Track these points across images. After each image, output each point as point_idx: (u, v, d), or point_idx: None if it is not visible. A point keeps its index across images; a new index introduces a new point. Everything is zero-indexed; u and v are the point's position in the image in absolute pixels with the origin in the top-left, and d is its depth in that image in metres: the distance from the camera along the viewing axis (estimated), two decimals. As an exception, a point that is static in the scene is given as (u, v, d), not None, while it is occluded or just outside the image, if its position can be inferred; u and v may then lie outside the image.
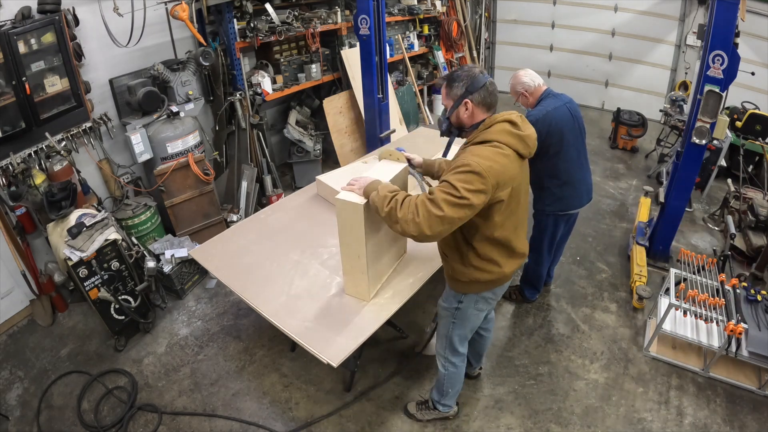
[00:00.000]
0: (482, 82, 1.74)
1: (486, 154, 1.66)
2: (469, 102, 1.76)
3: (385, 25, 4.39)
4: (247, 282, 2.37)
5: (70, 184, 3.03)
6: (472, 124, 1.80)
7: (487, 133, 1.73)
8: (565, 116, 2.61)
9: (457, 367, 2.28)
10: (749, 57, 4.79)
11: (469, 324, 2.14)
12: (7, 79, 2.78)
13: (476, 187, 1.60)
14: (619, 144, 5.73)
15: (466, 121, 1.81)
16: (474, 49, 7.27)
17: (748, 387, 2.71)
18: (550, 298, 3.42)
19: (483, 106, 1.77)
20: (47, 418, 2.65)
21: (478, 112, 1.78)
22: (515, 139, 1.72)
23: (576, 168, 2.77)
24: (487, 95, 1.76)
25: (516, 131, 1.73)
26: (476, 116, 1.79)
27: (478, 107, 1.77)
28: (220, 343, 3.09)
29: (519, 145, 1.73)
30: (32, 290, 3.22)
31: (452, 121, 1.85)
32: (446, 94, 1.83)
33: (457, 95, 1.78)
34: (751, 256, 3.64)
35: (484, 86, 1.74)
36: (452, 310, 2.09)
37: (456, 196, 1.59)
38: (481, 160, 1.62)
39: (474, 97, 1.75)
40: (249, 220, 2.97)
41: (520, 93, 2.73)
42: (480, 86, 1.74)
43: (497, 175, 1.63)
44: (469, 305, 2.04)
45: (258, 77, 4.29)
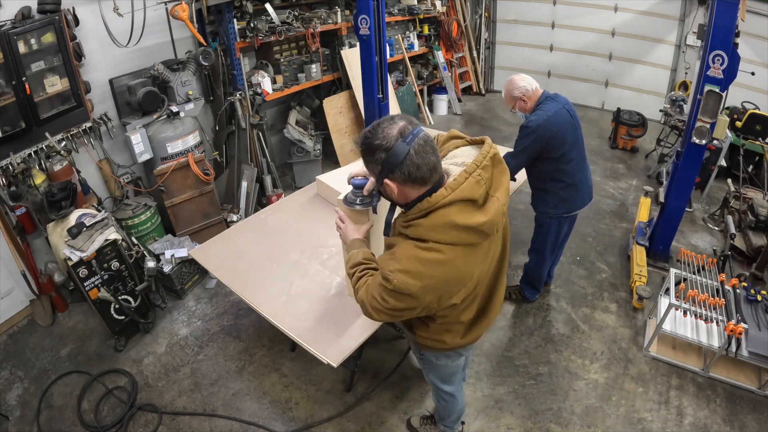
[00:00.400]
0: (401, 154, 1.24)
1: (414, 266, 1.28)
2: (390, 183, 1.31)
3: (385, 25, 4.40)
4: (247, 282, 2.37)
5: (70, 184, 3.03)
6: (408, 203, 1.36)
7: (419, 228, 1.30)
8: (565, 119, 2.59)
9: (447, 401, 2.15)
10: (749, 57, 4.79)
11: (442, 371, 1.96)
12: (7, 79, 2.78)
13: (406, 305, 1.35)
14: (619, 144, 5.73)
15: (399, 201, 1.39)
16: (474, 49, 7.28)
17: (748, 387, 2.71)
18: (550, 298, 3.42)
19: (412, 183, 1.30)
20: (47, 418, 2.65)
21: (409, 190, 1.32)
22: (464, 234, 1.28)
23: (578, 169, 2.77)
24: (413, 170, 1.26)
25: (467, 222, 1.27)
26: (408, 194, 1.34)
27: (405, 186, 1.31)
28: (220, 343, 3.09)
29: (471, 238, 1.31)
30: (32, 290, 3.22)
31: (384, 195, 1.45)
32: (365, 164, 1.38)
33: (375, 173, 1.35)
34: (751, 256, 3.64)
35: (407, 158, 1.25)
36: (417, 357, 1.98)
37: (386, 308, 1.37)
38: (409, 280, 1.28)
39: (396, 177, 1.29)
40: (249, 220, 2.98)
41: (517, 98, 2.66)
42: (399, 162, 1.25)
43: (435, 291, 1.33)
44: (431, 360, 1.88)
45: (258, 77, 4.29)
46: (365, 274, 1.51)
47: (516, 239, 3.90)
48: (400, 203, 1.40)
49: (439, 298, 1.37)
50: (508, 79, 2.71)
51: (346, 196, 1.75)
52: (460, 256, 1.31)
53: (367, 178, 1.61)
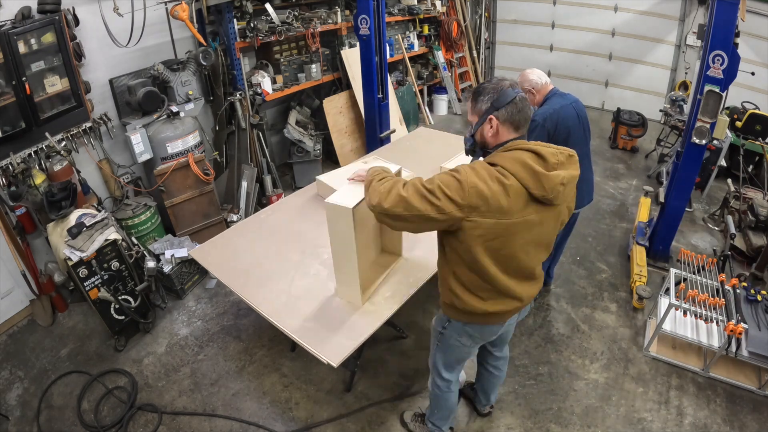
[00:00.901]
0: (510, 96, 1.52)
1: (482, 173, 1.47)
2: (494, 119, 1.55)
3: (385, 25, 4.40)
4: (247, 282, 2.37)
5: (70, 184, 3.03)
6: (496, 144, 1.58)
7: (499, 156, 1.53)
8: (571, 115, 2.62)
9: (442, 391, 2.15)
10: (749, 57, 4.79)
11: (452, 353, 2.01)
12: (7, 79, 2.78)
13: (451, 194, 1.45)
14: (619, 144, 5.73)
15: (490, 141, 1.60)
16: (474, 49, 7.28)
17: (748, 387, 2.71)
18: (550, 298, 3.42)
19: (509, 125, 1.55)
20: (47, 418, 2.65)
21: (504, 131, 1.56)
22: (527, 174, 1.47)
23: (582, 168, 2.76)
24: (515, 112, 1.53)
25: (534, 165, 1.47)
26: (501, 135, 1.57)
27: (503, 125, 1.55)
28: (220, 343, 3.09)
29: (530, 182, 1.48)
30: (32, 290, 3.22)
31: (476, 139, 1.64)
32: (471, 108, 1.63)
33: (481, 110, 1.58)
34: (751, 256, 3.64)
35: (513, 102, 1.52)
36: (437, 332, 1.99)
37: (428, 188, 1.47)
38: (471, 175, 1.46)
39: (500, 114, 1.54)
40: (249, 220, 2.97)
41: (527, 90, 2.71)
42: (507, 101, 1.52)
43: (479, 197, 1.44)
44: (452, 334, 1.91)
45: (258, 77, 4.29)
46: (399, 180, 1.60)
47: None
48: (490, 145, 1.60)
49: (473, 206, 1.45)
50: (521, 73, 2.78)
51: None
52: (513, 192, 1.47)
53: None
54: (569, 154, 1.56)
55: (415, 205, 1.47)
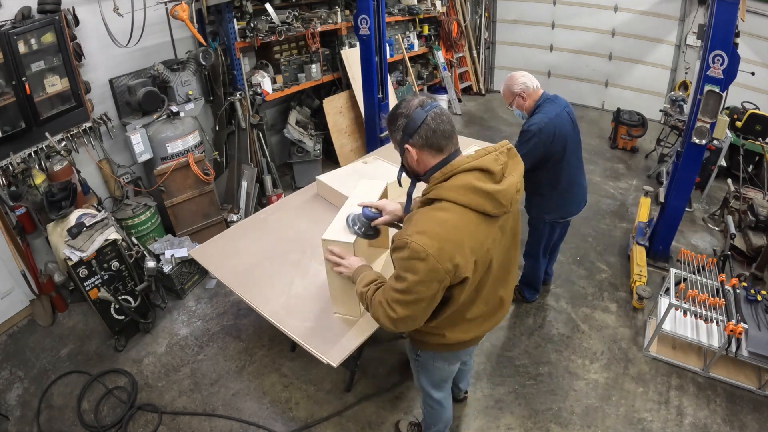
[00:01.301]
0: (420, 119, 1.36)
1: (431, 227, 1.32)
2: (410, 148, 1.41)
3: (385, 25, 4.40)
4: (247, 282, 2.37)
5: (70, 184, 3.03)
6: (426, 171, 1.44)
7: (440, 189, 1.37)
8: (566, 122, 2.55)
9: (435, 409, 2.10)
10: (749, 57, 4.79)
11: (434, 375, 1.94)
12: (7, 79, 2.78)
13: (423, 277, 1.32)
14: (619, 144, 5.73)
15: (418, 170, 1.47)
16: (474, 49, 7.28)
17: (748, 387, 2.71)
18: (550, 298, 3.43)
19: (429, 149, 1.40)
20: (47, 418, 2.65)
21: (426, 157, 1.41)
22: (480, 198, 1.33)
23: (575, 175, 2.74)
24: (429, 134, 1.37)
25: (483, 186, 1.33)
26: (425, 162, 1.43)
27: (422, 152, 1.40)
28: (220, 343, 3.09)
29: (486, 205, 1.34)
30: (32, 290, 3.22)
31: (406, 168, 1.52)
32: (390, 135, 1.50)
33: (396, 141, 1.45)
34: (751, 256, 3.64)
35: (424, 124, 1.36)
36: (413, 358, 1.92)
37: (403, 291, 1.36)
38: (423, 240, 1.30)
39: (414, 142, 1.39)
40: (249, 220, 2.97)
41: (517, 94, 2.59)
42: (417, 126, 1.37)
43: (451, 256, 1.31)
44: (427, 360, 1.84)
45: (258, 77, 4.29)
46: (380, 287, 1.53)
47: (516, 239, 3.90)
48: (419, 173, 1.47)
49: (456, 267, 1.33)
50: (509, 75, 2.65)
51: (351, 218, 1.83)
52: (474, 221, 1.36)
53: (380, 212, 1.77)
54: (507, 148, 1.44)
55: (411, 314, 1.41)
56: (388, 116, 1.48)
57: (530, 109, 2.60)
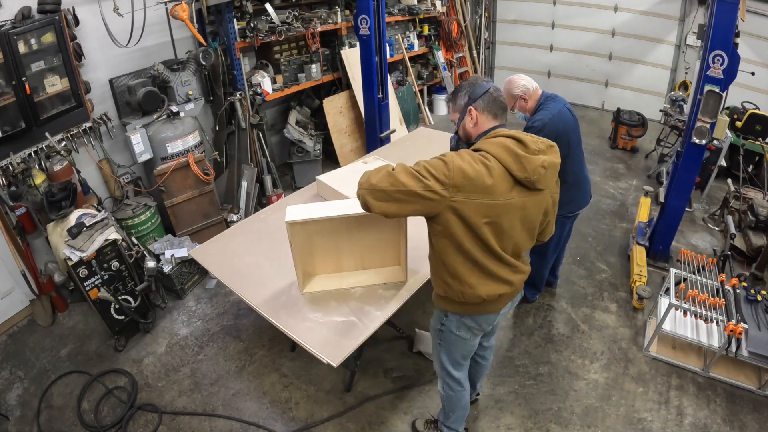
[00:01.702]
0: (484, 88, 1.68)
1: (466, 157, 1.54)
2: (473, 110, 1.69)
3: (385, 25, 4.40)
4: (247, 282, 2.37)
5: (70, 184, 3.03)
6: (479, 135, 1.71)
7: (483, 142, 1.61)
8: (568, 118, 2.60)
9: (455, 391, 2.15)
10: (749, 57, 4.79)
11: (456, 350, 2.01)
12: (7, 79, 2.78)
13: (437, 173, 1.50)
14: (619, 144, 5.73)
15: (472, 132, 1.73)
16: (474, 49, 7.27)
17: (748, 387, 2.71)
18: (550, 298, 3.42)
19: (488, 113, 1.69)
20: (47, 418, 2.65)
21: (483, 120, 1.70)
22: (509, 156, 1.54)
23: (580, 169, 2.78)
24: (491, 101, 1.68)
25: (516, 149, 1.54)
26: (481, 125, 1.71)
27: (482, 114, 1.69)
28: (220, 343, 3.09)
29: (512, 164, 1.54)
30: (32, 290, 3.22)
31: (460, 134, 1.79)
32: (452, 108, 1.78)
33: (461, 105, 1.73)
34: (751, 256, 3.64)
35: (487, 92, 1.68)
36: (437, 331, 1.99)
37: (415, 168, 1.54)
38: (456, 158, 1.53)
39: (477, 105, 1.68)
40: (249, 220, 2.97)
41: (518, 96, 2.65)
42: (482, 92, 1.68)
43: (463, 177, 1.50)
44: (451, 327, 1.91)
45: (258, 77, 4.29)
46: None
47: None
48: (472, 137, 1.72)
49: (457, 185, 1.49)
50: (508, 79, 2.71)
51: None
52: (497, 173, 1.52)
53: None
54: (549, 144, 1.63)
55: (402, 180, 1.52)
56: (455, 89, 1.76)
57: (532, 109, 2.65)
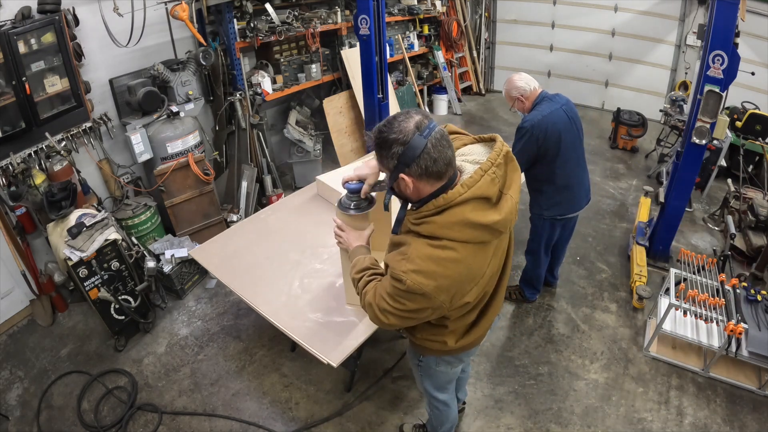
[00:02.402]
0: (419, 147, 1.21)
1: (427, 266, 1.25)
2: (405, 178, 1.27)
3: (385, 25, 4.39)
4: (247, 282, 2.37)
5: (70, 184, 3.03)
6: (420, 199, 1.33)
7: (433, 225, 1.27)
8: (561, 119, 2.57)
9: (441, 411, 2.10)
10: (749, 57, 4.78)
11: (438, 379, 1.92)
12: (7, 79, 2.78)
13: (419, 306, 1.32)
14: (619, 144, 5.73)
15: (411, 196, 1.34)
16: (474, 49, 7.28)
17: (748, 387, 2.71)
18: (550, 298, 3.42)
19: (428, 177, 1.26)
20: (47, 418, 2.65)
21: (424, 186, 1.29)
22: (479, 232, 1.27)
23: (574, 171, 2.75)
24: (430, 164, 1.23)
25: (482, 220, 1.25)
26: (422, 190, 1.30)
27: (420, 181, 1.27)
28: (220, 343, 3.09)
29: (485, 237, 1.29)
30: (32, 290, 3.22)
31: (396, 192, 1.38)
32: (378, 159, 1.33)
33: (389, 168, 1.29)
34: (751, 256, 3.64)
35: (424, 153, 1.22)
36: (415, 365, 1.90)
37: (398, 309, 1.35)
38: (420, 279, 1.25)
39: (411, 171, 1.25)
40: (249, 220, 2.97)
41: (515, 98, 2.68)
42: (416, 156, 1.22)
43: (448, 290, 1.30)
44: (430, 365, 1.81)
45: (258, 77, 4.29)
46: (373, 279, 1.49)
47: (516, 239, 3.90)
48: (413, 200, 1.36)
49: (452, 298, 1.33)
50: (507, 79, 2.74)
51: (341, 200, 1.72)
52: (472, 254, 1.29)
53: (361, 181, 1.63)
54: (504, 156, 1.33)
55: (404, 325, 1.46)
56: (377, 138, 1.29)
57: (528, 109, 2.67)
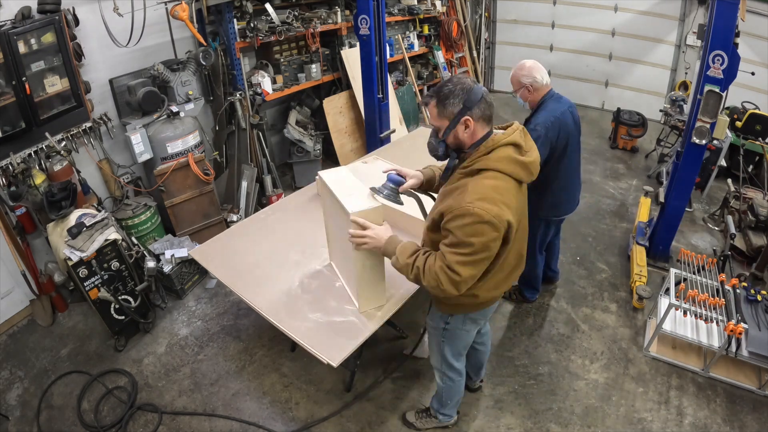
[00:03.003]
0: (479, 94, 1.54)
1: (488, 193, 1.49)
2: (469, 119, 1.55)
3: (385, 25, 4.39)
4: (247, 282, 2.37)
5: (70, 184, 3.03)
6: (473, 143, 1.60)
7: (487, 160, 1.54)
8: (569, 122, 2.58)
9: (455, 381, 2.22)
10: (749, 57, 4.78)
11: (460, 342, 2.06)
12: (7, 79, 2.78)
13: (490, 237, 1.49)
14: (619, 144, 5.73)
15: (466, 141, 1.60)
16: (474, 49, 7.27)
17: (748, 387, 2.71)
18: (550, 298, 3.42)
19: (483, 121, 1.57)
20: (47, 418, 2.65)
21: (479, 128, 1.58)
22: (519, 168, 1.56)
23: (574, 174, 2.79)
24: (486, 107, 1.56)
25: (520, 157, 1.56)
26: (477, 133, 1.58)
27: (478, 123, 1.56)
28: (220, 343, 3.09)
29: (522, 174, 1.57)
30: (32, 290, 3.22)
31: (449, 142, 1.62)
32: (438, 113, 1.59)
33: (453, 113, 1.56)
34: (751, 256, 3.64)
35: (482, 98, 1.54)
36: (439, 329, 2.00)
37: (469, 254, 1.50)
38: (486, 205, 1.47)
39: (473, 113, 1.54)
40: (249, 220, 2.97)
41: (525, 86, 2.55)
42: (478, 99, 1.53)
43: (507, 215, 1.50)
44: (456, 326, 1.94)
45: (258, 77, 4.29)
46: (429, 254, 1.63)
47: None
48: (465, 146, 1.61)
49: (509, 225, 1.52)
50: (520, 62, 2.58)
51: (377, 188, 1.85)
52: (514, 187, 1.59)
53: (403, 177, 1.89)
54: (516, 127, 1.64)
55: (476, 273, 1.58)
56: (441, 93, 1.56)
57: (534, 102, 2.59)
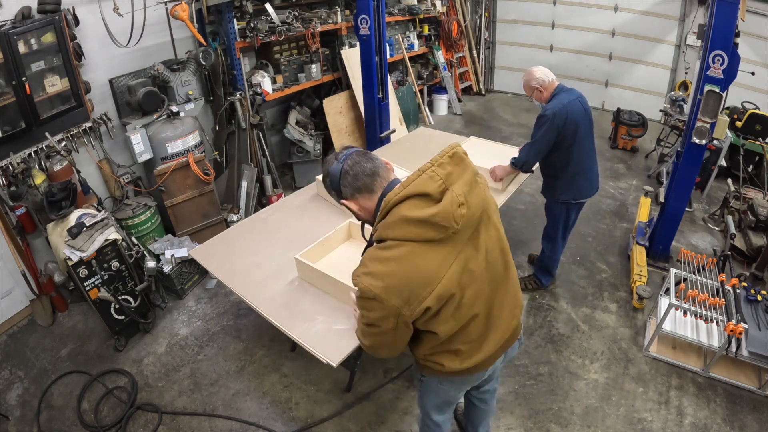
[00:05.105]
0: (337, 172, 1.39)
1: (376, 268, 1.29)
2: (346, 203, 1.44)
3: (385, 25, 4.40)
4: (247, 282, 2.37)
5: (70, 184, 3.03)
6: (374, 214, 1.43)
7: (381, 228, 1.34)
8: (578, 109, 2.77)
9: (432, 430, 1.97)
10: (749, 57, 4.79)
11: (437, 398, 1.81)
12: (7, 79, 2.78)
13: (379, 314, 1.32)
14: (619, 144, 5.74)
15: (367, 217, 1.47)
16: (474, 49, 7.28)
17: (748, 387, 2.71)
18: (550, 298, 3.42)
19: (359, 194, 1.41)
20: (47, 418, 2.65)
21: (363, 201, 1.42)
22: (418, 227, 1.26)
23: (588, 158, 2.93)
24: (352, 181, 1.39)
25: (419, 215, 1.25)
26: (365, 206, 1.44)
27: (357, 200, 1.42)
28: (220, 343, 3.09)
29: (427, 232, 1.26)
30: (32, 290, 3.22)
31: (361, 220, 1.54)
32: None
33: (337, 201, 1.48)
34: (751, 256, 3.64)
35: (342, 174, 1.39)
36: (416, 378, 1.79)
37: (365, 324, 1.39)
38: (370, 281, 1.28)
39: (345, 194, 1.42)
40: (249, 220, 2.97)
41: (534, 88, 2.85)
42: (338, 180, 1.40)
43: (400, 292, 1.27)
44: (431, 383, 1.72)
45: (258, 77, 4.29)
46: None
47: (516, 239, 3.90)
48: (369, 219, 1.47)
49: (407, 302, 1.28)
50: (527, 71, 2.92)
51: None
52: (418, 252, 1.28)
53: None
54: (450, 155, 1.34)
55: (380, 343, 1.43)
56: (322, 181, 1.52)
57: (547, 99, 2.85)
